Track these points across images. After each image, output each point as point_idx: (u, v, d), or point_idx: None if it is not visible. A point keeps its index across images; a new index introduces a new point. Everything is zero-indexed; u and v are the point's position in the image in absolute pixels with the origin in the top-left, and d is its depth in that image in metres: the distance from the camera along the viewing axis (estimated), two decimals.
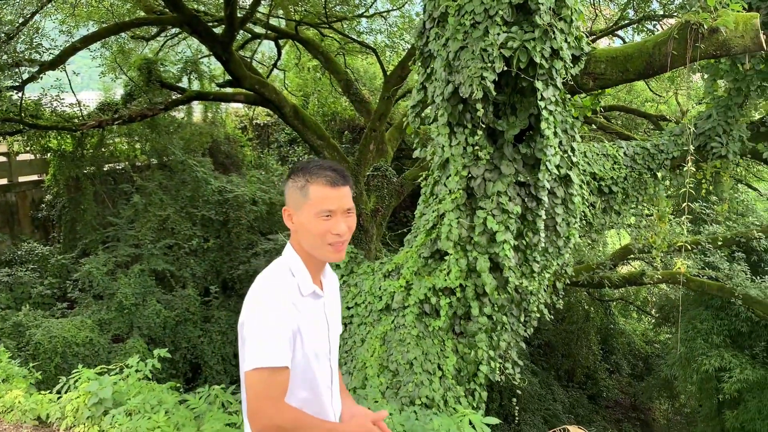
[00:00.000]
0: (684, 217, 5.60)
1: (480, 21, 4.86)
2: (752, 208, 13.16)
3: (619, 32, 12.88)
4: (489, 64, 4.78)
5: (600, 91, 5.60)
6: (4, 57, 8.44)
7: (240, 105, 19.90)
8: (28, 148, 13.28)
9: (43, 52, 9.86)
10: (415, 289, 5.67)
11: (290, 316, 1.92)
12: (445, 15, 5.14)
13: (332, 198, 1.99)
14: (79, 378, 4.16)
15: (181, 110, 15.49)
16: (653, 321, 19.34)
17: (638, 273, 11.72)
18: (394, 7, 16.20)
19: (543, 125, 4.99)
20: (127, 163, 14.60)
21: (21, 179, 14.16)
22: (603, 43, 14.02)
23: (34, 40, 9.37)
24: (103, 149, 14.23)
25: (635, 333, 19.70)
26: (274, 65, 17.58)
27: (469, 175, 5.38)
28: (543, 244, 5.57)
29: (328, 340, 2.13)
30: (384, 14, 16.20)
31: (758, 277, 10.74)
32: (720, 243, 10.37)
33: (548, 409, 14.56)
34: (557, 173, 5.48)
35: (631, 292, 18.31)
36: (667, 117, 12.72)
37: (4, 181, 13.71)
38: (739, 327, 11.84)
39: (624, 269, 14.79)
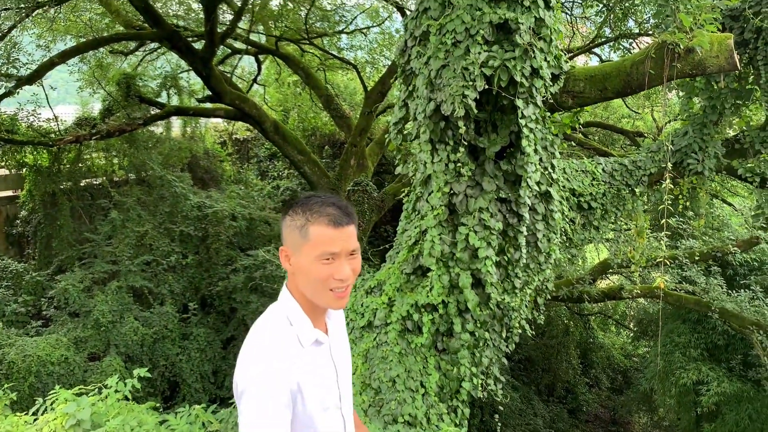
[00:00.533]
0: (663, 233, 5.68)
1: (461, 40, 4.92)
2: (727, 223, 13.39)
3: (596, 50, 13.10)
4: (470, 83, 4.83)
5: (579, 108, 5.68)
6: None
7: (219, 120, 19.84)
8: (2, 164, 13.07)
9: (20, 66, 9.76)
10: (397, 306, 5.66)
11: (285, 377, 1.75)
12: (427, 34, 5.19)
13: (335, 239, 1.79)
14: (56, 399, 4.07)
15: (160, 125, 15.38)
16: (631, 335, 19.51)
17: (617, 287, 11.85)
18: (374, 24, 16.33)
19: (524, 142, 5.04)
20: (104, 178, 14.43)
21: None
22: (580, 60, 14.25)
23: (11, 55, 9.28)
24: (80, 164, 14.04)
25: (614, 347, 19.85)
26: (254, 80, 17.58)
27: (451, 192, 5.41)
28: (524, 260, 5.60)
29: (337, 387, 1.94)
30: (364, 31, 16.33)
31: (734, 291, 10.91)
32: (697, 257, 10.52)
33: (529, 424, 14.56)
34: (538, 190, 5.53)
35: (610, 306, 18.47)
36: (644, 133, 12.93)
37: None
38: (715, 340, 11.99)
39: (603, 283, 14.93)
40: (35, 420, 4.05)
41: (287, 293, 1.92)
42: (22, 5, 8.13)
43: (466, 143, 5.23)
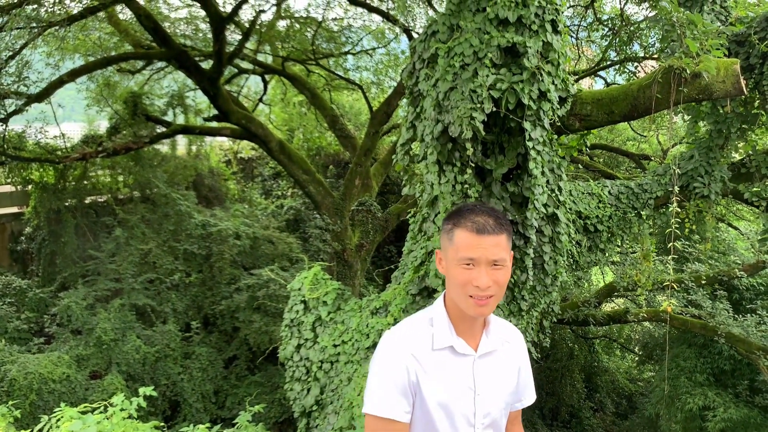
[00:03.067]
0: (670, 256, 5.66)
1: (469, 63, 4.95)
2: (733, 247, 13.33)
3: (601, 72, 13.18)
4: (478, 105, 4.85)
5: (586, 131, 5.69)
6: None
7: (224, 138, 19.94)
8: (8, 180, 13.13)
9: (30, 84, 9.85)
10: None
11: (402, 369, 1.87)
12: (435, 56, 5.23)
13: (475, 246, 1.84)
14: (61, 417, 4.04)
15: (166, 143, 15.45)
16: (636, 359, 19.34)
17: (622, 311, 11.77)
18: (380, 45, 16.48)
19: (531, 165, 5.05)
20: (109, 195, 14.47)
21: (0, 211, 13.96)
22: (585, 83, 14.33)
23: (22, 74, 9.37)
24: (85, 182, 14.10)
25: (619, 371, 19.67)
26: (260, 100, 17.69)
27: None
28: (531, 282, 5.58)
29: (473, 404, 1.95)
30: (370, 52, 16.45)
31: (740, 315, 10.83)
32: (703, 281, 10.46)
33: None
34: (545, 212, 5.52)
35: (614, 330, 18.34)
36: (650, 156, 12.94)
37: None
38: (722, 365, 11.87)
39: (607, 307, 14.84)
40: None
41: (441, 297, 2.02)
42: (33, 25, 8.21)
43: (473, 165, 5.24)
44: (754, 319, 10.51)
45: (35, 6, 8.38)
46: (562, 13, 5.22)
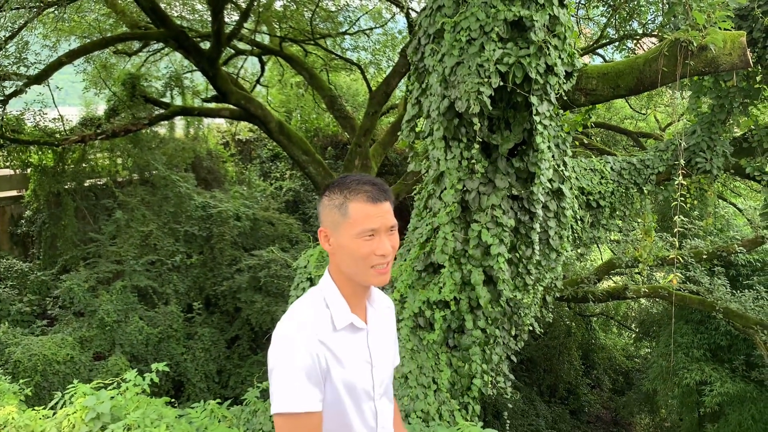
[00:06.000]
0: (676, 229, 5.72)
1: (476, 37, 4.94)
2: (732, 223, 13.44)
3: (600, 50, 13.16)
4: (485, 80, 4.85)
5: (591, 106, 5.71)
6: None
7: (222, 120, 19.87)
8: (7, 163, 13.08)
9: (29, 65, 9.77)
10: (409, 303, 5.68)
11: (313, 357, 1.77)
12: (441, 31, 5.22)
13: (374, 216, 1.83)
14: (75, 393, 4.09)
15: (164, 126, 15.41)
16: (633, 336, 19.54)
17: (621, 287, 11.87)
18: (378, 25, 16.39)
19: (538, 139, 5.07)
20: (108, 178, 14.45)
21: (0, 195, 13.93)
22: (583, 61, 14.27)
23: (22, 55, 9.30)
24: (84, 164, 14.07)
25: (616, 348, 19.87)
26: (258, 81, 17.60)
27: (464, 189, 5.43)
28: (537, 257, 5.62)
29: (371, 377, 1.93)
30: (367, 32, 16.36)
31: (738, 291, 10.94)
32: (704, 257, 10.55)
33: (531, 425, 14.57)
34: (550, 187, 5.56)
35: (612, 307, 18.50)
36: (650, 134, 12.96)
37: None
38: (718, 341, 12.01)
39: (606, 284, 14.95)
40: (54, 414, 4.05)
41: (328, 276, 1.95)
42: (32, 4, 8.14)
43: (479, 140, 5.26)
44: (751, 294, 10.63)
45: None
46: None
